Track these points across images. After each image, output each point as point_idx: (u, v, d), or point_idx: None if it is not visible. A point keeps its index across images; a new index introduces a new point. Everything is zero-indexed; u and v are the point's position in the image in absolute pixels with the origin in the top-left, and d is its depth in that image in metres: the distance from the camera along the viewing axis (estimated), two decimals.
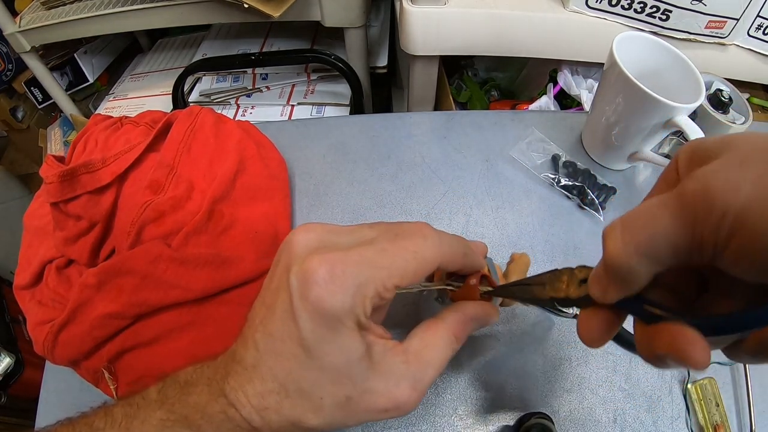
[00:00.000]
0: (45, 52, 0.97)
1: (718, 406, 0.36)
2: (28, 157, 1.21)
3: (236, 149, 0.43)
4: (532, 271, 0.42)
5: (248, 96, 0.86)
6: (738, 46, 0.58)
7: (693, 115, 0.42)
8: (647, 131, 0.42)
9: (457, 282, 0.27)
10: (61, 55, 1.00)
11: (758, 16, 0.55)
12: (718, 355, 0.20)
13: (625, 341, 0.27)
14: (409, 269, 0.21)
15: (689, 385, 0.37)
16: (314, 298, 0.20)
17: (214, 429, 0.21)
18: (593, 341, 0.21)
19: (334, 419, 0.22)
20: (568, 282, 0.22)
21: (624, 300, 0.19)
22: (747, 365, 0.37)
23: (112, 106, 0.95)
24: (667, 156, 0.46)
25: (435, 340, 0.23)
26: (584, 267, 0.22)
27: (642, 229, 0.17)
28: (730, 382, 0.37)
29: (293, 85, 0.86)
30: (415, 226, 0.23)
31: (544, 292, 0.23)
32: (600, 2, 0.57)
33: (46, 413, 0.38)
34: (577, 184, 0.46)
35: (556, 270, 0.23)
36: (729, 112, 0.47)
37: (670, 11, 0.55)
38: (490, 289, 0.26)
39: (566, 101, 0.70)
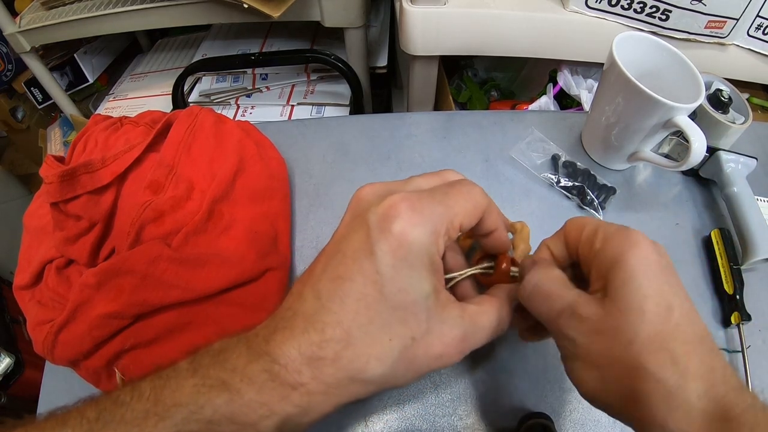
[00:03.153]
0: (45, 52, 0.97)
1: None
2: (28, 157, 1.21)
3: (236, 149, 0.43)
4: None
5: (248, 96, 0.86)
6: (738, 46, 0.59)
7: (693, 115, 0.42)
8: (647, 131, 0.42)
9: (489, 264, 0.29)
10: (61, 55, 1.00)
11: (758, 16, 0.55)
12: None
13: None
14: (468, 208, 0.24)
15: None
16: (398, 231, 0.21)
17: (255, 391, 0.20)
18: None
19: (395, 369, 0.21)
20: None
21: None
22: (747, 363, 0.37)
23: (112, 107, 0.95)
24: (667, 156, 0.46)
25: (490, 311, 0.25)
26: None
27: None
28: None
29: (293, 86, 0.86)
30: (460, 179, 0.26)
31: None
32: (600, 2, 0.57)
33: None
34: (576, 184, 0.46)
35: None
36: (729, 112, 0.47)
37: (670, 11, 0.55)
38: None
39: (566, 101, 0.70)
